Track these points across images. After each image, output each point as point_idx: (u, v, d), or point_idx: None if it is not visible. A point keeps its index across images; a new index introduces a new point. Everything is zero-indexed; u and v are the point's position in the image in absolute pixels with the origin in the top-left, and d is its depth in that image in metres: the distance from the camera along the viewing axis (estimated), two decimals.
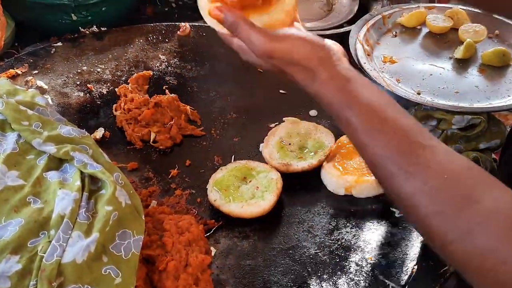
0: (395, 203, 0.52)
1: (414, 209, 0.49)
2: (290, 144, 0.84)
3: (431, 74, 0.95)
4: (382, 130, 0.53)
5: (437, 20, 1.05)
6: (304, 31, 0.61)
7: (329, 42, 0.60)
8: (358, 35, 1.02)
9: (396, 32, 1.06)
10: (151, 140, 0.87)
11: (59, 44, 1.06)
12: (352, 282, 0.67)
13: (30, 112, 0.72)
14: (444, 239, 0.47)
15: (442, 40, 1.04)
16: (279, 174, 0.79)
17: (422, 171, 0.49)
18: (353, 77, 0.56)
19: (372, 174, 0.55)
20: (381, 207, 0.78)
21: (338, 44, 0.60)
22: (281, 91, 0.99)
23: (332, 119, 0.62)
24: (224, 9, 0.59)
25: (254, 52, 0.58)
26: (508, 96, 0.90)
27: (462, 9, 1.07)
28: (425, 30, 1.06)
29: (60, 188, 0.62)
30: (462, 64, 0.98)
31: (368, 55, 0.99)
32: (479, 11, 1.08)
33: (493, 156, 0.92)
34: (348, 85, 0.56)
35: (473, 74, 0.96)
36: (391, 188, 0.52)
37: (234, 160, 0.84)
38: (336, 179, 0.79)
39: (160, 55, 1.07)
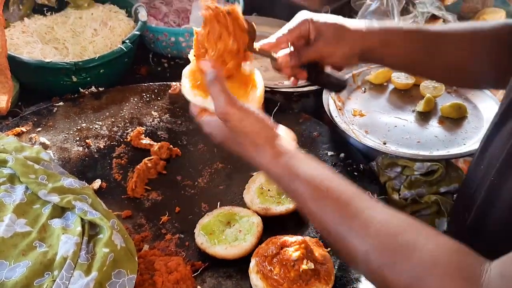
0: (350, 262, 0.60)
1: (367, 264, 0.55)
2: (269, 190, 0.93)
3: (396, 126, 1.07)
4: (327, 197, 0.59)
5: (401, 78, 1.18)
6: (263, 115, 0.68)
7: (281, 128, 0.67)
8: (330, 92, 1.13)
9: (365, 89, 1.18)
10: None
11: (61, 103, 1.16)
12: None
13: (36, 166, 0.81)
14: (398, 286, 0.52)
15: (405, 95, 1.16)
16: (259, 218, 0.87)
17: (368, 229, 0.55)
18: (295, 154, 0.63)
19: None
20: None
21: (291, 132, 0.70)
22: None
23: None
24: (210, 66, 0.68)
25: (216, 110, 0.66)
26: (464, 144, 1.01)
27: None
28: (391, 87, 1.19)
29: (63, 233, 0.70)
30: (423, 117, 1.09)
31: (340, 109, 1.10)
32: None
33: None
34: (292, 161, 0.63)
35: (433, 125, 1.07)
36: (344, 248, 0.57)
37: (219, 206, 0.92)
38: None
39: (152, 111, 1.17)
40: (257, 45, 0.83)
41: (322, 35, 0.81)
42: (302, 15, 0.83)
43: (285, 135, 0.67)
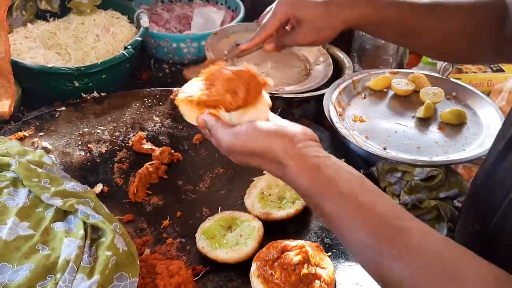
0: (382, 286, 0.52)
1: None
2: (270, 195, 0.94)
3: (396, 132, 1.07)
4: (357, 218, 0.52)
5: (401, 84, 1.18)
6: (268, 123, 0.61)
7: (294, 131, 0.59)
8: (331, 97, 1.14)
9: (365, 95, 1.19)
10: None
11: (63, 108, 1.17)
12: None
13: (39, 170, 0.81)
14: None
15: (405, 101, 1.17)
16: (260, 222, 0.88)
17: (403, 255, 0.49)
18: (323, 164, 0.56)
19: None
20: None
21: (305, 128, 0.61)
22: None
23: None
24: (205, 117, 0.65)
25: (222, 149, 0.64)
26: (464, 150, 1.02)
27: (423, 74, 1.21)
28: (391, 93, 1.19)
29: (66, 237, 0.70)
30: (423, 123, 1.10)
31: (340, 115, 1.11)
32: (437, 75, 1.22)
33: (458, 204, 1.02)
34: (318, 174, 0.55)
35: (433, 131, 1.08)
36: (375, 273, 0.52)
37: (220, 211, 0.93)
38: None
39: (154, 117, 1.18)
40: (242, 46, 0.93)
41: (300, 27, 0.86)
42: (280, 4, 0.87)
43: (301, 137, 0.60)
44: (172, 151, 1.05)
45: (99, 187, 0.97)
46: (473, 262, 0.49)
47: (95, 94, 1.22)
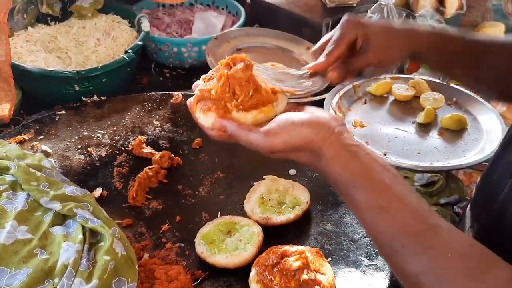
0: (401, 280, 0.53)
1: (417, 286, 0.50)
2: (270, 199, 0.93)
3: (396, 137, 1.07)
4: (387, 209, 0.53)
5: (401, 89, 1.18)
6: (300, 114, 0.61)
7: (326, 117, 0.60)
8: (332, 102, 1.14)
9: (365, 100, 1.19)
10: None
11: (63, 112, 1.17)
12: None
13: (38, 173, 0.81)
14: None
15: (406, 107, 1.16)
16: (260, 227, 0.87)
17: (427, 250, 0.50)
18: (357, 152, 0.57)
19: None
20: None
21: (338, 118, 0.62)
22: None
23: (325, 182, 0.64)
24: (224, 126, 0.63)
25: (260, 151, 0.61)
26: (464, 156, 1.01)
27: (423, 79, 1.21)
28: (391, 98, 1.19)
29: (64, 241, 0.70)
30: (423, 128, 1.10)
31: None
32: (438, 81, 1.22)
33: (458, 210, 1.02)
34: (352, 162, 0.56)
35: (433, 137, 1.07)
36: (396, 266, 0.53)
37: (220, 216, 0.93)
38: None
39: (154, 121, 1.18)
40: (307, 67, 0.83)
41: (369, 44, 0.79)
42: (348, 21, 0.80)
43: (336, 125, 0.59)
44: (172, 155, 1.05)
45: (98, 191, 0.97)
46: (497, 265, 0.49)
47: (95, 98, 1.22)
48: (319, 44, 0.83)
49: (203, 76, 0.71)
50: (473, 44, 0.81)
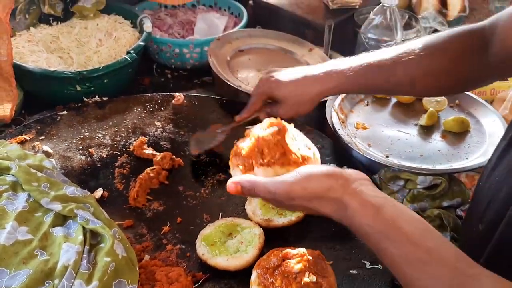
0: None
1: None
2: None
3: (399, 139, 1.07)
4: (427, 262, 0.51)
5: None
6: (321, 166, 0.64)
7: (349, 171, 0.62)
8: (334, 104, 1.14)
9: (368, 102, 1.19)
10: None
11: (64, 112, 1.16)
12: None
13: (39, 174, 0.81)
14: None
15: (408, 109, 1.16)
16: (261, 229, 0.87)
17: None
18: (385, 204, 0.56)
19: None
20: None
21: (360, 172, 0.63)
22: None
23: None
24: (237, 183, 0.66)
25: (279, 201, 0.62)
26: (467, 159, 1.01)
27: None
28: (393, 100, 1.19)
29: (64, 242, 0.70)
30: (426, 131, 1.09)
31: (343, 122, 1.10)
32: None
33: (460, 213, 1.01)
34: (382, 213, 0.55)
35: (436, 139, 1.07)
36: None
37: (221, 217, 0.92)
38: None
39: (156, 122, 1.17)
40: (237, 118, 1.00)
41: (281, 103, 0.94)
42: (262, 81, 0.98)
43: (355, 177, 0.61)
44: (173, 156, 1.04)
45: (99, 192, 0.97)
46: None
47: (97, 98, 1.22)
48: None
49: (247, 132, 0.77)
50: (378, 68, 0.88)
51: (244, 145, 0.72)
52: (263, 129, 0.73)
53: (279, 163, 0.67)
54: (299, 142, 0.75)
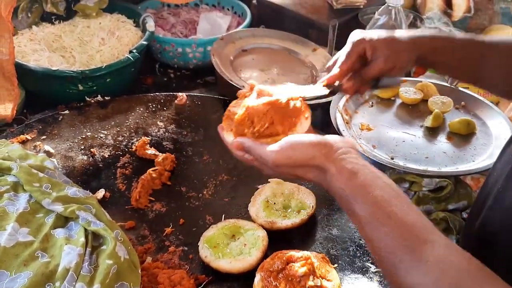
0: None
1: None
2: (275, 203, 0.92)
3: (404, 141, 1.05)
4: (386, 224, 0.55)
5: (409, 93, 1.17)
6: (309, 136, 0.66)
7: (334, 139, 0.64)
8: (338, 105, 1.13)
9: (372, 103, 1.17)
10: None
11: (66, 112, 1.16)
12: None
13: (40, 174, 0.80)
14: None
15: (413, 110, 1.15)
16: (265, 232, 0.86)
17: (422, 265, 0.52)
18: (360, 170, 0.60)
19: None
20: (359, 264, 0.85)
21: (348, 140, 0.66)
22: None
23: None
24: (242, 142, 0.70)
25: (267, 165, 0.66)
26: (473, 161, 1.00)
27: (431, 82, 1.19)
28: (398, 101, 1.18)
29: (66, 244, 0.69)
30: (431, 132, 1.08)
31: (347, 123, 1.09)
32: (446, 84, 1.20)
33: (466, 215, 1.00)
34: (355, 179, 0.59)
35: (442, 141, 1.06)
36: (393, 280, 0.55)
37: (224, 219, 0.91)
38: None
39: (158, 122, 1.16)
40: (321, 81, 0.85)
41: (378, 53, 0.82)
42: (355, 36, 0.84)
43: (341, 146, 0.63)
44: (174, 159, 1.03)
45: (101, 193, 0.96)
46: (493, 281, 0.50)
47: (99, 98, 1.21)
48: (331, 61, 0.87)
49: (238, 92, 0.79)
50: (476, 45, 0.83)
51: (236, 110, 0.74)
52: (254, 96, 0.75)
53: (267, 134, 0.70)
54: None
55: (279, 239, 0.87)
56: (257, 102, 0.72)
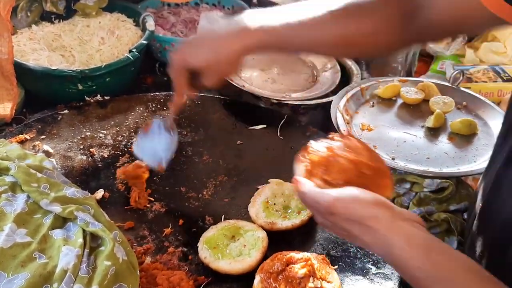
0: None
1: None
2: (275, 204, 0.91)
3: (405, 141, 1.05)
4: None
5: (410, 92, 1.16)
6: (371, 193, 0.59)
7: (399, 208, 0.59)
8: (339, 105, 1.12)
9: (373, 103, 1.17)
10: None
11: (66, 111, 1.15)
12: None
13: (39, 175, 0.79)
14: None
15: (415, 110, 1.14)
16: (265, 232, 0.85)
17: None
18: (433, 246, 0.55)
19: None
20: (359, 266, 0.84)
21: (412, 213, 0.60)
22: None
23: None
24: (300, 183, 0.65)
25: (319, 210, 0.61)
26: (475, 162, 0.99)
27: (432, 82, 1.19)
28: (399, 101, 1.17)
29: (64, 245, 0.68)
30: (433, 132, 1.08)
31: (348, 123, 1.08)
32: (447, 84, 1.20)
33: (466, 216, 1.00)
34: (431, 256, 0.53)
35: (443, 142, 1.05)
36: None
37: (224, 220, 0.90)
38: None
39: None
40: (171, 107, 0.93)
41: (204, 69, 0.83)
42: (176, 59, 0.85)
43: (408, 215, 0.59)
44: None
45: (100, 193, 0.95)
46: None
47: (99, 97, 1.20)
48: None
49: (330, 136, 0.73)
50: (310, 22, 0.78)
51: (317, 147, 0.69)
52: (342, 144, 0.69)
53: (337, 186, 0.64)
54: None
55: (279, 240, 0.86)
56: (343, 152, 0.67)
